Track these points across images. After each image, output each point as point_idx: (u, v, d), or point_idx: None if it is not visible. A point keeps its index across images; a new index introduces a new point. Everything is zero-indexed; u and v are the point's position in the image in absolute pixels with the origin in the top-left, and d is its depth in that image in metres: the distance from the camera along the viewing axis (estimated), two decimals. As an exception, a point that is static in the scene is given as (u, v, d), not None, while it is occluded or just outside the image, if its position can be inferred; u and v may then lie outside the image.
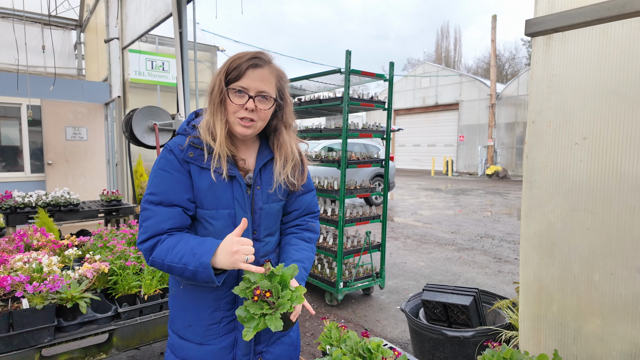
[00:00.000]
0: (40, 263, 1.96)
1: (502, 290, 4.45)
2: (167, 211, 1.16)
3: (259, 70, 1.17)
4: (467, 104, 23.37)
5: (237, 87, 1.16)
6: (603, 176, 1.38)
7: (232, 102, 1.17)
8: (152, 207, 1.16)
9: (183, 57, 3.81)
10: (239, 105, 1.16)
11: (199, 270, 1.07)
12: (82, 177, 7.00)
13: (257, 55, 1.19)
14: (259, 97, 1.17)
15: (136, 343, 2.08)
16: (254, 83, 1.16)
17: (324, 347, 1.46)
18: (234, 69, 1.17)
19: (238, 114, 1.17)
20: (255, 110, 1.17)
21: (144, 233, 1.15)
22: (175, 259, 1.10)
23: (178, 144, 1.21)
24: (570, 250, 1.47)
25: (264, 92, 1.17)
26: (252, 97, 1.16)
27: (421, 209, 10.44)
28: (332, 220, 4.03)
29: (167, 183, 1.17)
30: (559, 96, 1.47)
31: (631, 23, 1.29)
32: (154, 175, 1.19)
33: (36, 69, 7.17)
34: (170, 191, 1.16)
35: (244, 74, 1.16)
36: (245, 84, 1.16)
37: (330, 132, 4.12)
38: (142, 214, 1.17)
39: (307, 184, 1.40)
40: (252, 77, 1.16)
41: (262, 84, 1.17)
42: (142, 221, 1.16)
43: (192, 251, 1.09)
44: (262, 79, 1.17)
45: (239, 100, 1.16)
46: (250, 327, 1.01)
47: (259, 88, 1.17)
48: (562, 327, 1.50)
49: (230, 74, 1.17)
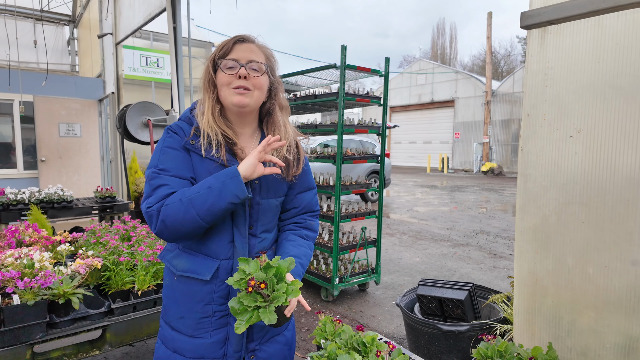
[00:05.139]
0: (31, 259, 1.94)
1: (497, 286, 4.47)
2: (178, 181, 1.15)
3: (246, 44, 1.20)
4: (463, 101, 23.42)
5: (227, 62, 1.17)
6: (597, 169, 1.38)
7: (224, 74, 1.17)
8: (164, 175, 1.14)
9: (177, 52, 3.77)
10: (231, 75, 1.17)
11: (226, 181, 1.09)
12: (75, 174, 6.93)
13: (242, 35, 1.22)
14: (251, 66, 1.18)
15: (130, 339, 2.06)
16: (243, 54, 1.18)
17: (318, 341, 1.46)
18: (222, 49, 1.19)
19: (232, 84, 1.17)
20: (248, 78, 1.17)
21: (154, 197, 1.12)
22: (195, 189, 1.10)
23: (181, 127, 1.21)
24: (564, 244, 1.47)
25: (254, 60, 1.18)
26: (244, 65, 1.17)
27: (417, 205, 10.46)
28: (328, 216, 4.02)
29: (175, 159, 1.17)
30: (554, 89, 1.47)
31: (626, 15, 1.29)
32: (161, 153, 1.17)
33: (28, 65, 7.09)
34: (179, 167, 1.16)
35: (232, 49, 1.19)
36: (235, 55, 1.18)
37: (325, 127, 4.11)
38: (153, 182, 1.14)
39: (308, 181, 1.38)
40: (240, 50, 1.18)
41: (251, 54, 1.19)
42: (153, 188, 1.13)
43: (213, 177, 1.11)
44: (250, 50, 1.19)
45: (231, 71, 1.17)
46: (243, 319, 0.99)
47: (248, 57, 1.18)
48: (556, 320, 1.51)
49: (219, 54, 1.19)
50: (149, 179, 1.16)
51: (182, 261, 1.23)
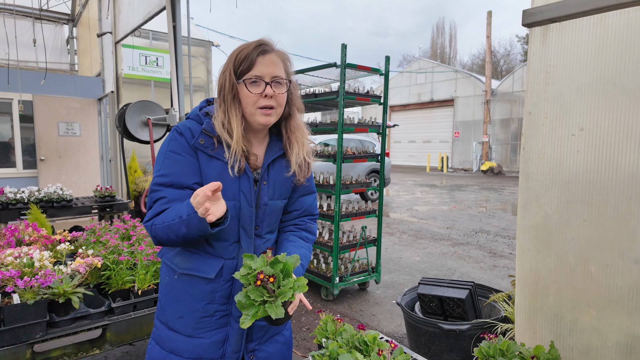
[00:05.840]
0: (31, 258, 1.93)
1: (497, 285, 4.47)
2: (178, 192, 1.14)
3: (268, 56, 1.16)
4: (462, 100, 23.41)
5: (251, 77, 1.14)
6: (600, 167, 1.37)
7: (250, 93, 1.14)
8: (163, 189, 1.14)
9: (177, 50, 3.76)
10: (257, 94, 1.14)
11: (191, 215, 1.04)
12: (75, 173, 6.92)
13: (262, 42, 1.17)
14: (275, 82, 1.15)
15: (130, 338, 2.06)
16: (267, 69, 1.14)
17: (319, 340, 1.45)
18: (244, 60, 1.14)
19: (258, 104, 1.15)
20: (274, 96, 1.16)
21: (153, 211, 1.14)
22: (172, 215, 1.09)
23: (189, 127, 1.19)
24: (566, 242, 1.47)
25: (277, 76, 1.16)
26: (269, 83, 1.14)
27: (416, 204, 10.46)
28: (328, 215, 4.02)
29: (178, 165, 1.15)
30: (556, 87, 1.46)
31: (629, 13, 1.29)
32: (165, 157, 1.16)
33: (28, 63, 7.07)
34: (182, 173, 1.15)
35: (255, 63, 1.14)
36: (259, 71, 1.14)
37: (326, 126, 4.10)
38: (152, 195, 1.15)
39: (310, 185, 1.38)
40: (264, 64, 1.14)
41: (274, 68, 1.16)
42: (153, 201, 1.15)
43: (185, 204, 1.07)
44: (273, 63, 1.16)
45: (256, 89, 1.14)
46: (249, 314, 0.98)
47: (273, 73, 1.15)
48: (558, 318, 1.50)
49: (241, 66, 1.15)
50: (150, 191, 1.17)
51: (184, 259, 1.22)
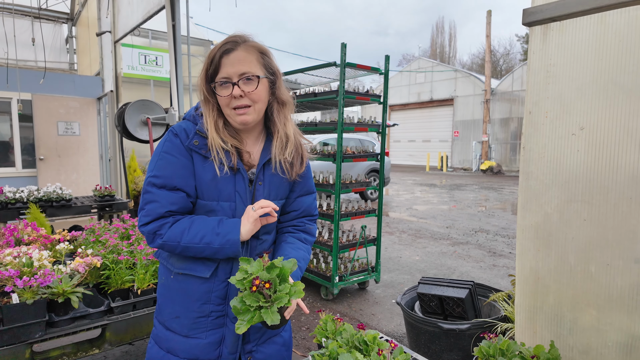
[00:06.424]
0: (30, 257, 1.93)
1: (497, 284, 4.47)
2: (170, 195, 1.14)
3: (233, 54, 1.14)
4: (462, 99, 23.41)
5: (219, 80, 1.14)
6: (600, 167, 1.37)
7: (221, 96, 1.15)
8: (155, 190, 1.14)
9: (176, 50, 3.75)
10: (227, 96, 1.14)
11: (226, 247, 1.11)
12: (74, 173, 6.91)
13: (228, 41, 1.16)
14: (242, 80, 1.14)
15: (130, 338, 2.05)
16: (232, 69, 1.13)
17: (319, 339, 1.45)
18: (210, 64, 1.15)
19: (231, 105, 1.15)
20: (245, 95, 1.14)
21: (146, 216, 1.13)
22: (195, 239, 1.12)
23: (184, 128, 1.19)
24: (566, 242, 1.46)
25: (244, 73, 1.14)
26: (236, 83, 1.13)
27: (416, 204, 10.46)
28: (328, 214, 4.02)
29: (171, 167, 1.15)
30: (557, 86, 1.46)
31: (629, 12, 1.28)
32: (158, 158, 1.16)
33: (27, 63, 7.05)
34: (175, 175, 1.15)
35: (220, 64, 1.14)
36: (225, 73, 1.13)
37: (325, 125, 4.09)
38: (144, 197, 1.14)
39: (309, 185, 1.37)
40: (228, 64, 1.14)
41: (241, 66, 1.13)
42: (144, 204, 1.14)
43: (214, 231, 1.12)
44: (238, 61, 1.14)
45: (226, 91, 1.14)
46: (244, 319, 0.98)
47: (239, 71, 1.13)
48: (558, 318, 1.50)
49: (210, 70, 1.16)
50: (143, 192, 1.16)
51: (179, 259, 1.22)
